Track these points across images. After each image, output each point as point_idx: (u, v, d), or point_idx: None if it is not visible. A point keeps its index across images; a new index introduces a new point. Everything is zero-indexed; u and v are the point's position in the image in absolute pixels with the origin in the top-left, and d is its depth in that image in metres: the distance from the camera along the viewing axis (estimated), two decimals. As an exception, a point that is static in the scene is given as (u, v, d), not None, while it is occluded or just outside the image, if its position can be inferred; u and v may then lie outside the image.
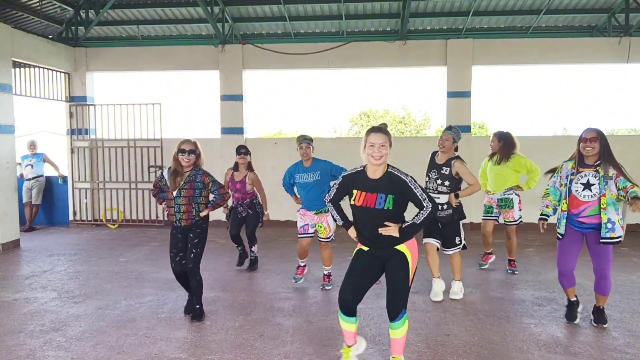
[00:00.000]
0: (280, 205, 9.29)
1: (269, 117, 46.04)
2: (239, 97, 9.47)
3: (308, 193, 5.24)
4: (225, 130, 9.49)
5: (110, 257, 6.96)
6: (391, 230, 3.11)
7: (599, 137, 3.96)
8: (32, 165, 9.34)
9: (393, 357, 3.37)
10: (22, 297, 5.17)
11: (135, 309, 4.72)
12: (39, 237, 8.68)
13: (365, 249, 3.33)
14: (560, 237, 4.17)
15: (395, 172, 3.20)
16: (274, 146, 9.64)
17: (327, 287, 5.36)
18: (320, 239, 5.34)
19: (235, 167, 6.16)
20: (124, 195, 9.61)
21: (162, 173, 4.49)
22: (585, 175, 4.01)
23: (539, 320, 4.40)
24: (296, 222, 5.49)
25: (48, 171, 9.71)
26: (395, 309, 3.20)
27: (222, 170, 9.28)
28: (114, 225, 9.60)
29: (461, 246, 5.01)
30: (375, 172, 3.19)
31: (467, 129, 9.02)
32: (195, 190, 4.32)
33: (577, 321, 4.30)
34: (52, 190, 9.80)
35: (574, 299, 4.36)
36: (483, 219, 6.10)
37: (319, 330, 4.20)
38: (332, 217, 3.53)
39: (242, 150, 6.06)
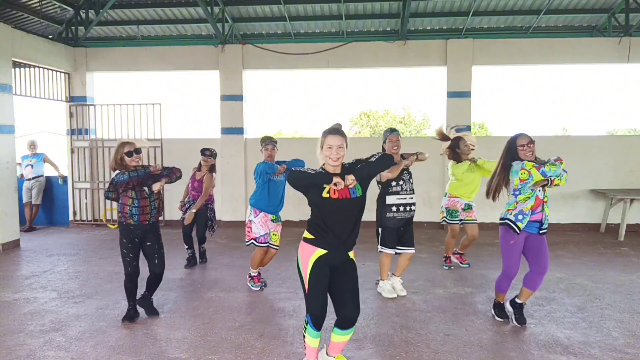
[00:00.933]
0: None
1: (269, 117, 46.01)
2: (239, 97, 9.47)
3: (277, 194, 5.20)
4: (225, 130, 9.49)
5: (110, 257, 6.96)
6: (349, 178, 3.04)
7: (532, 141, 4.11)
8: (32, 165, 9.34)
9: (337, 357, 3.41)
10: (22, 297, 5.17)
11: (135, 309, 4.72)
12: (39, 237, 8.68)
13: (321, 253, 3.16)
14: (518, 232, 4.10)
15: (347, 164, 3.26)
16: (274, 146, 9.62)
17: (254, 288, 5.38)
18: (272, 245, 5.30)
19: (199, 167, 6.37)
20: (124, 195, 9.59)
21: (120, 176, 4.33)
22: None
23: (539, 320, 4.40)
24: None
25: (48, 171, 9.72)
26: (355, 314, 3.20)
27: (222, 170, 9.32)
28: (114, 225, 9.59)
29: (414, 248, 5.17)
30: (334, 170, 3.18)
31: (467, 129, 9.01)
32: (144, 178, 4.35)
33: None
34: (52, 190, 9.80)
35: (503, 302, 4.45)
36: (452, 223, 6.16)
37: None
38: (304, 176, 3.09)
39: (206, 153, 6.28)
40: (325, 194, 3.11)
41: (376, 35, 9.58)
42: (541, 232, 4.14)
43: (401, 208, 4.99)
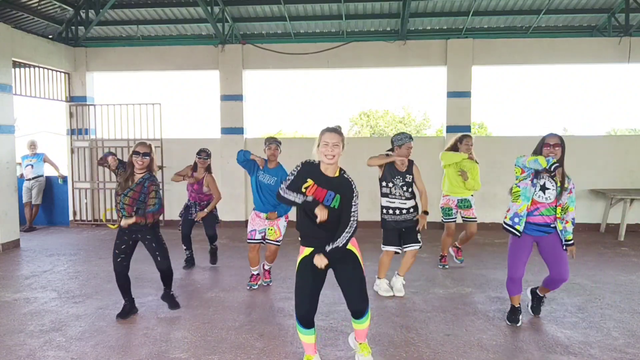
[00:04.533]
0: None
1: (269, 117, 46.01)
2: (239, 97, 9.47)
3: (265, 194, 5.18)
4: (225, 130, 9.49)
5: (110, 257, 6.90)
6: (317, 260, 3.13)
7: (562, 144, 3.98)
8: (32, 165, 9.34)
9: (360, 344, 3.45)
10: (22, 297, 5.17)
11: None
12: (39, 237, 8.68)
13: (308, 252, 3.24)
14: (518, 235, 4.10)
15: (347, 177, 3.27)
16: (274, 146, 9.62)
17: (254, 287, 5.40)
18: (270, 242, 5.30)
19: (195, 168, 6.28)
20: (124, 195, 9.60)
21: (122, 164, 4.41)
22: (543, 178, 4.04)
23: (539, 320, 4.40)
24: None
25: (48, 171, 9.71)
26: (362, 307, 3.24)
27: (222, 170, 9.32)
28: (114, 225, 9.59)
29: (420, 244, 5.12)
30: (327, 170, 3.21)
31: (467, 129, 9.01)
32: (141, 194, 4.33)
33: (519, 324, 4.28)
34: (52, 190, 9.80)
35: (518, 305, 4.33)
36: (448, 222, 6.17)
37: (318, 330, 4.18)
38: (290, 201, 3.21)
39: (202, 155, 6.22)
40: (303, 189, 3.19)
41: (376, 35, 9.58)
42: (548, 233, 4.06)
43: (390, 211, 5.00)
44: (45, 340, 4.01)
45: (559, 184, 4.01)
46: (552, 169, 3.87)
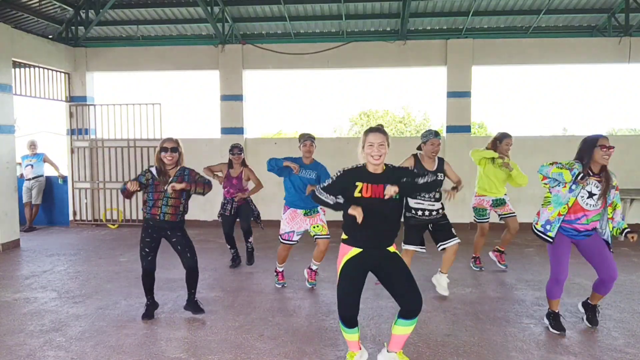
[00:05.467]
0: (281, 206, 9.28)
1: (269, 117, 46.03)
2: (239, 97, 9.47)
3: (303, 190, 5.14)
4: (225, 130, 9.49)
5: (110, 257, 6.97)
6: (390, 189, 3.05)
7: (613, 146, 3.88)
8: (32, 165, 9.34)
9: (398, 353, 3.38)
10: (22, 297, 5.17)
11: (135, 309, 4.72)
12: (39, 237, 8.68)
13: (355, 252, 3.19)
14: (551, 241, 4.02)
15: (395, 165, 3.28)
16: (274, 146, 9.63)
17: (285, 285, 5.43)
18: (320, 236, 5.20)
19: (230, 165, 6.31)
20: (124, 195, 9.60)
21: (148, 168, 4.43)
22: (589, 184, 3.88)
23: (539, 320, 4.40)
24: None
25: (48, 171, 9.71)
26: (418, 305, 3.18)
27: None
28: (114, 225, 9.60)
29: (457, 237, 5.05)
30: (375, 169, 3.19)
31: (467, 129, 9.03)
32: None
33: (567, 331, 4.18)
34: (52, 190, 9.80)
35: (558, 310, 4.21)
36: (481, 222, 6.04)
37: (319, 330, 4.20)
38: (324, 202, 3.24)
39: (235, 151, 6.24)
40: (357, 194, 3.13)
41: (376, 35, 9.58)
42: (588, 236, 3.97)
43: (419, 212, 4.95)
44: (45, 340, 4.01)
45: (607, 183, 3.86)
46: (577, 179, 3.80)
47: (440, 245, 5.03)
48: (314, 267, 5.42)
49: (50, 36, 9.43)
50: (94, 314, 4.61)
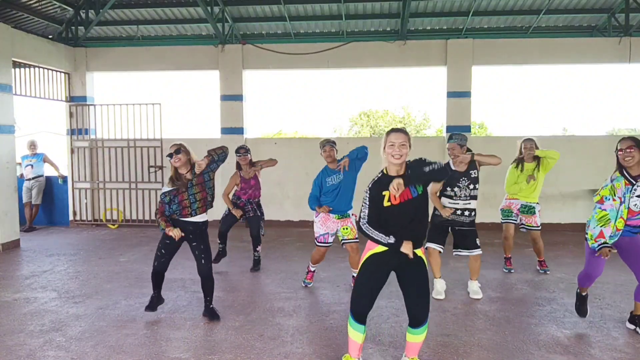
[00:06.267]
0: (281, 206, 9.31)
1: (269, 117, 46.07)
2: (239, 97, 9.47)
3: (337, 195, 5.12)
4: (225, 130, 9.49)
5: (110, 257, 6.97)
6: (395, 183, 3.03)
7: (636, 145, 3.80)
8: (32, 165, 9.34)
9: (412, 358, 3.38)
10: (22, 297, 5.17)
11: (135, 309, 4.72)
12: (39, 237, 8.68)
13: (380, 249, 3.16)
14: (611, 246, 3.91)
15: (410, 160, 3.20)
16: (274, 146, 9.64)
17: (309, 285, 5.44)
18: (347, 241, 5.21)
19: (239, 167, 6.25)
20: (124, 195, 9.61)
21: (162, 193, 4.42)
22: (636, 189, 3.82)
23: (539, 320, 4.40)
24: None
25: (48, 171, 9.71)
26: (424, 315, 3.19)
27: (222, 170, 9.29)
28: (114, 225, 9.60)
29: (480, 248, 5.06)
30: (398, 171, 3.16)
31: (467, 129, 9.02)
32: (204, 175, 4.39)
33: (586, 316, 4.28)
34: (52, 190, 9.80)
35: (585, 294, 4.29)
36: (504, 222, 6.03)
37: (319, 330, 4.20)
38: (376, 240, 3.15)
39: (241, 152, 6.19)
40: (386, 203, 3.12)
41: (376, 35, 9.58)
42: (634, 234, 3.92)
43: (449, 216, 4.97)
44: (45, 340, 4.01)
45: None
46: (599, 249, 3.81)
47: (458, 251, 5.05)
48: (354, 274, 5.31)
49: (50, 36, 9.43)
50: (94, 314, 4.61)
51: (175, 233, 4.20)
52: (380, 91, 48.10)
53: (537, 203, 5.94)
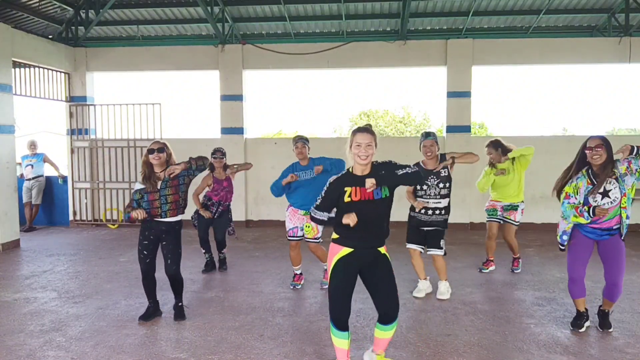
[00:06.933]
0: (280, 206, 9.28)
1: (269, 117, 46.10)
2: (239, 97, 9.47)
3: (304, 191, 5.16)
4: (225, 130, 9.49)
5: (110, 257, 6.97)
6: (369, 182, 3.05)
7: (605, 144, 3.81)
8: (32, 165, 9.34)
9: (378, 355, 3.40)
10: (22, 297, 5.17)
11: (135, 309, 4.72)
12: (39, 237, 8.68)
13: (346, 252, 3.16)
14: (561, 249, 4.10)
15: (379, 161, 3.20)
16: (274, 146, 9.64)
17: (297, 287, 5.43)
18: (308, 240, 5.27)
19: (212, 168, 6.17)
20: (124, 195, 9.60)
21: (134, 190, 4.38)
22: (601, 187, 3.84)
23: (539, 320, 4.40)
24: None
25: (48, 171, 9.71)
26: (394, 311, 3.20)
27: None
28: (114, 225, 9.60)
29: (443, 251, 5.04)
30: (363, 171, 3.16)
31: (467, 128, 9.03)
32: (179, 177, 4.34)
33: (582, 330, 4.16)
34: (52, 190, 9.80)
35: (584, 310, 4.19)
36: (488, 221, 6.03)
37: (319, 330, 4.20)
38: (318, 220, 3.24)
39: (217, 155, 6.15)
40: (347, 199, 3.12)
41: (376, 35, 9.58)
42: (611, 235, 3.96)
43: (422, 210, 4.96)
44: (45, 340, 4.01)
45: (617, 174, 3.80)
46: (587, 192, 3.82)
47: (428, 250, 5.08)
48: (296, 271, 5.51)
49: (50, 36, 9.42)
50: (94, 314, 4.61)
51: (139, 212, 4.18)
52: (380, 91, 48.12)
53: (522, 201, 5.92)
